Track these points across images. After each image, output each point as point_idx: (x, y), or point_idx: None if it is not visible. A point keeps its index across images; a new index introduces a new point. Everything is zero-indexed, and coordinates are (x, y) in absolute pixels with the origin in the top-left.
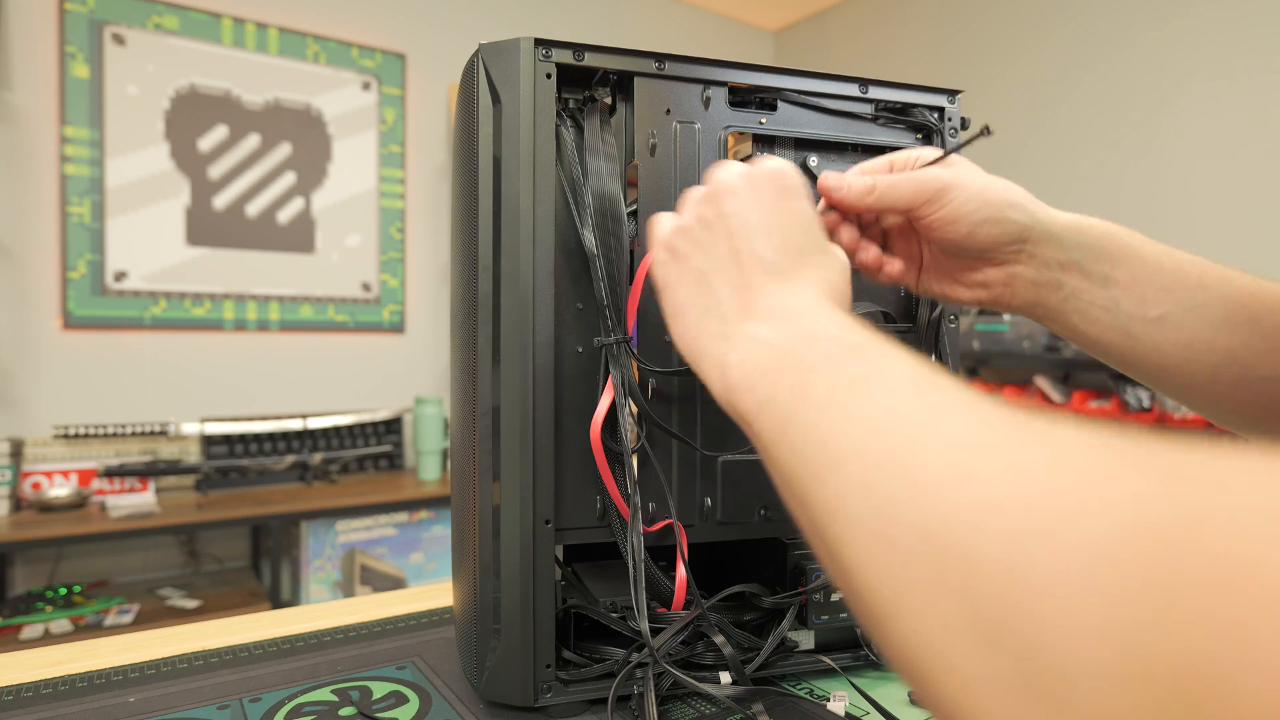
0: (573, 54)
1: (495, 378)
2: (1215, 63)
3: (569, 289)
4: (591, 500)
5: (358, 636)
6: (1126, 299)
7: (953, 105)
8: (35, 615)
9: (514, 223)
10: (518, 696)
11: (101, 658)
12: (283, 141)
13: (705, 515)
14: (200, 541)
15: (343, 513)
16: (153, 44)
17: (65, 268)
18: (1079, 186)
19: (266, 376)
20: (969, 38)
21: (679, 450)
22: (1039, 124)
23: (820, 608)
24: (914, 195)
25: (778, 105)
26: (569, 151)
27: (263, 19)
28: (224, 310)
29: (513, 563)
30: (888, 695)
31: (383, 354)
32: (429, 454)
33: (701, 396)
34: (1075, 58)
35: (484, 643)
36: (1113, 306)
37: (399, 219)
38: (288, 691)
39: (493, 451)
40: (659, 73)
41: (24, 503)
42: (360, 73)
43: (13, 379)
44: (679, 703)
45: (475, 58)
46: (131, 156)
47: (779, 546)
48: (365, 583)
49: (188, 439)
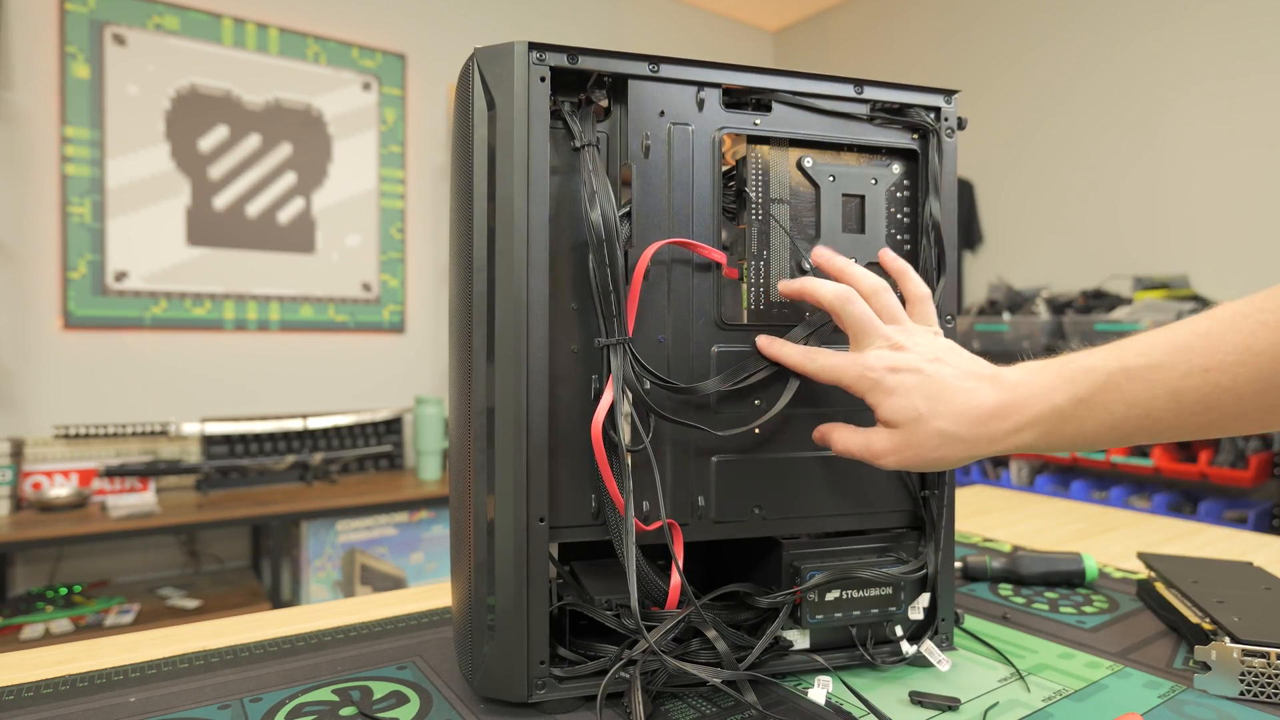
0: (567, 57)
1: (490, 377)
2: (1215, 63)
3: (563, 289)
4: (586, 498)
5: (358, 636)
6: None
7: (949, 105)
8: (36, 615)
9: (508, 224)
10: (511, 692)
11: (102, 658)
12: (283, 142)
13: (699, 514)
14: (200, 541)
15: (343, 513)
16: (153, 44)
17: (66, 268)
18: (1079, 186)
19: (267, 376)
20: (969, 38)
21: (673, 450)
22: (1039, 124)
23: (814, 607)
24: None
25: (772, 106)
26: (564, 155)
27: (263, 19)
28: (224, 310)
29: (507, 560)
30: (884, 696)
31: (383, 354)
32: (429, 454)
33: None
34: (1075, 58)
35: (479, 639)
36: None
37: (399, 219)
38: (288, 691)
39: (487, 450)
40: (653, 75)
41: (24, 503)
42: (360, 73)
43: (13, 379)
44: (677, 701)
45: (470, 62)
46: (132, 156)
47: (774, 546)
48: (365, 583)
49: (188, 439)
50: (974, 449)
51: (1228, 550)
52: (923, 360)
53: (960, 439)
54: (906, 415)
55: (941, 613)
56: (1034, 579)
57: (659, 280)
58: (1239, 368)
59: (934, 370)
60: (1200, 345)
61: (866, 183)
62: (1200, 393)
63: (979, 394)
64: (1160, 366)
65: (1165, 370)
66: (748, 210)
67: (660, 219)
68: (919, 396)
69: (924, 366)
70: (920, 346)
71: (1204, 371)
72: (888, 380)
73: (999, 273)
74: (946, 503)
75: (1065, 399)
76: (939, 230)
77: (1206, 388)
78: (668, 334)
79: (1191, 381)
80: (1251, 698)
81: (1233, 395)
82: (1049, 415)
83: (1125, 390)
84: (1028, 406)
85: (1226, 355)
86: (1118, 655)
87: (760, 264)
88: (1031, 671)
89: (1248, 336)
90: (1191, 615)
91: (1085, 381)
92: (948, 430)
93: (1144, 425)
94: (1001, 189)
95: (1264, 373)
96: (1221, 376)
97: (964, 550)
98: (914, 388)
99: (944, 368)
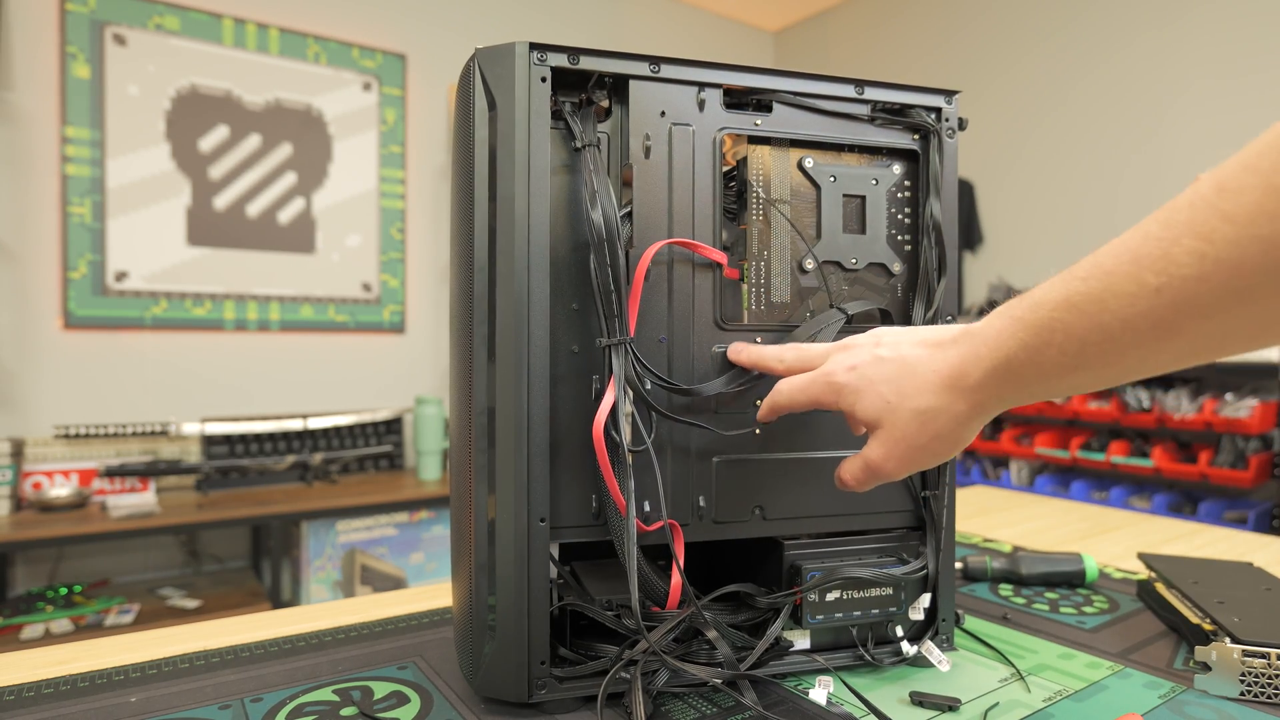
0: (567, 58)
1: (490, 377)
2: (1214, 62)
3: (564, 290)
4: (587, 499)
5: (359, 636)
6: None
7: (950, 105)
8: (36, 615)
9: (509, 224)
10: (512, 692)
11: (102, 657)
12: (283, 142)
13: (700, 514)
14: (201, 541)
15: (343, 513)
16: (154, 44)
17: (66, 268)
18: (1078, 186)
19: (267, 376)
20: (969, 38)
21: (674, 450)
22: (1039, 124)
23: (815, 607)
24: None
25: (773, 107)
26: (565, 155)
27: (263, 19)
28: (224, 310)
29: (507, 560)
30: (885, 696)
31: (383, 354)
32: (429, 454)
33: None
34: (1075, 58)
35: (479, 638)
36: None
37: (399, 219)
38: (289, 691)
39: (488, 450)
40: (653, 75)
41: (25, 502)
42: (361, 73)
43: (13, 379)
44: (677, 701)
45: (471, 62)
46: (132, 157)
47: (775, 546)
48: (365, 583)
49: (188, 439)
50: (956, 416)
51: (1228, 551)
52: (872, 347)
53: (938, 410)
54: (879, 409)
55: (942, 613)
56: (1034, 579)
57: (660, 280)
58: (1199, 283)
59: (887, 352)
60: (1152, 253)
61: (867, 183)
62: (1156, 316)
63: (936, 359)
64: (1106, 295)
65: (1113, 298)
66: (748, 211)
67: (661, 219)
68: (883, 385)
69: (876, 351)
70: (863, 339)
71: (1156, 293)
72: (851, 380)
73: (999, 273)
74: (947, 503)
75: (1016, 345)
76: (939, 230)
77: (1162, 309)
78: (668, 334)
79: (1142, 305)
80: (1252, 698)
81: (1198, 315)
82: (1004, 365)
83: (1073, 327)
84: (983, 359)
85: (1181, 267)
86: (1118, 656)
87: (761, 264)
88: (1032, 672)
89: (1204, 240)
90: (1192, 616)
91: (1030, 320)
92: (921, 406)
93: (1108, 359)
94: (1001, 189)
95: (1232, 285)
96: (1178, 295)
97: (964, 550)
98: (876, 378)
99: (895, 347)
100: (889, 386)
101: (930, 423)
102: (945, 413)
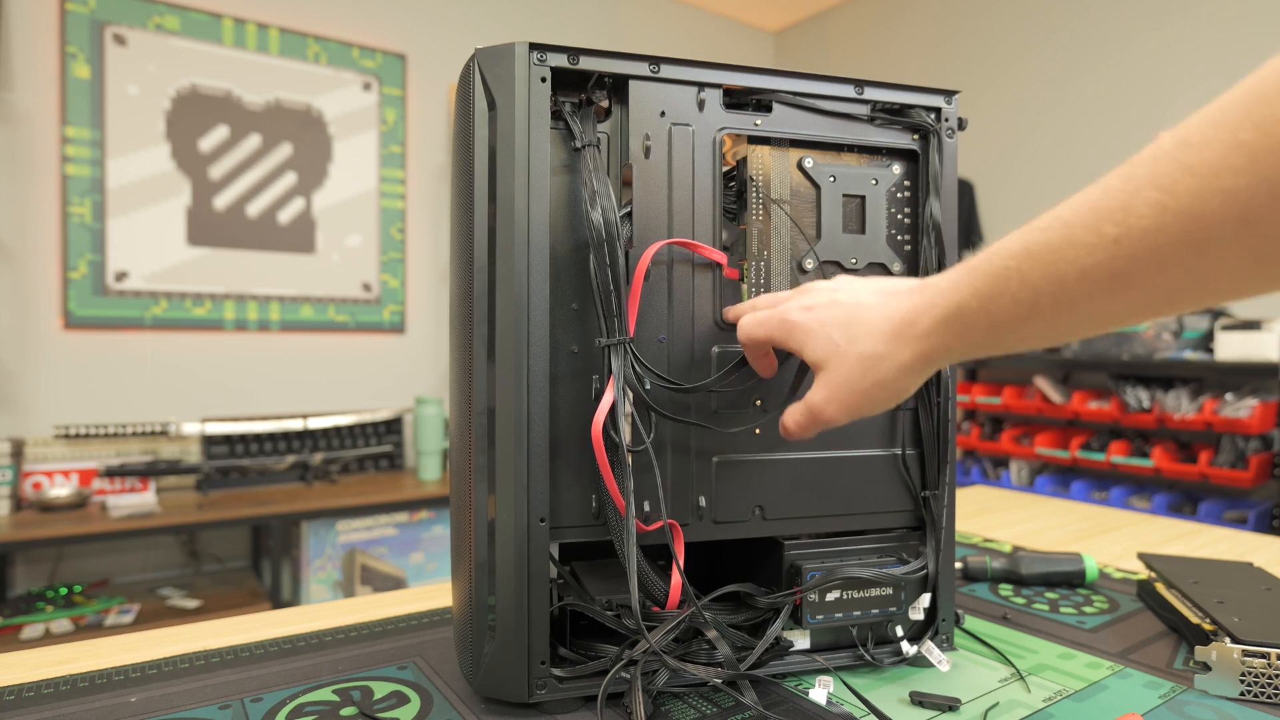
0: (567, 58)
1: (490, 377)
2: (1214, 62)
3: (564, 290)
4: (587, 499)
5: (359, 636)
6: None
7: (950, 105)
8: (36, 615)
9: (509, 224)
10: (512, 692)
11: (103, 657)
12: (283, 142)
13: (700, 514)
14: (201, 541)
15: (343, 513)
16: (154, 44)
17: (66, 268)
18: (1078, 186)
19: (267, 376)
20: (968, 38)
21: (674, 450)
22: (1038, 124)
23: (815, 607)
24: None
25: (773, 107)
26: (565, 155)
27: (263, 19)
28: (224, 310)
29: (507, 560)
30: (885, 696)
31: (383, 354)
32: (429, 454)
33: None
34: (1074, 58)
35: (479, 639)
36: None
37: (399, 219)
38: (289, 691)
39: (488, 450)
40: (653, 75)
41: (25, 502)
42: (361, 73)
43: (13, 379)
44: (677, 701)
45: (471, 62)
46: (132, 157)
47: (775, 546)
48: (365, 583)
49: (188, 439)
50: (900, 364)
51: (1228, 550)
52: (831, 291)
53: (881, 356)
54: (827, 350)
55: (942, 613)
56: (1034, 579)
57: (659, 281)
58: (1158, 234)
59: (844, 297)
60: (1111, 205)
61: (867, 183)
62: (1113, 266)
63: (890, 305)
64: (1064, 245)
65: (1070, 248)
66: (748, 211)
67: (661, 219)
68: (834, 328)
69: (834, 296)
70: (825, 284)
71: (1114, 244)
72: (804, 320)
73: None
74: (947, 503)
75: (969, 293)
76: (939, 230)
77: (1120, 260)
78: (668, 334)
79: (1100, 255)
80: (1251, 698)
81: (1154, 267)
82: (955, 312)
83: (1029, 275)
84: (934, 306)
85: (1141, 219)
86: (1118, 656)
87: (761, 264)
88: (1032, 672)
89: (1165, 192)
90: (1192, 616)
91: (985, 269)
92: (866, 350)
93: (1061, 311)
94: (1001, 189)
95: (1191, 237)
96: (1136, 246)
97: (964, 550)
98: (828, 320)
99: (851, 293)
100: (839, 330)
101: (873, 368)
102: (889, 359)
